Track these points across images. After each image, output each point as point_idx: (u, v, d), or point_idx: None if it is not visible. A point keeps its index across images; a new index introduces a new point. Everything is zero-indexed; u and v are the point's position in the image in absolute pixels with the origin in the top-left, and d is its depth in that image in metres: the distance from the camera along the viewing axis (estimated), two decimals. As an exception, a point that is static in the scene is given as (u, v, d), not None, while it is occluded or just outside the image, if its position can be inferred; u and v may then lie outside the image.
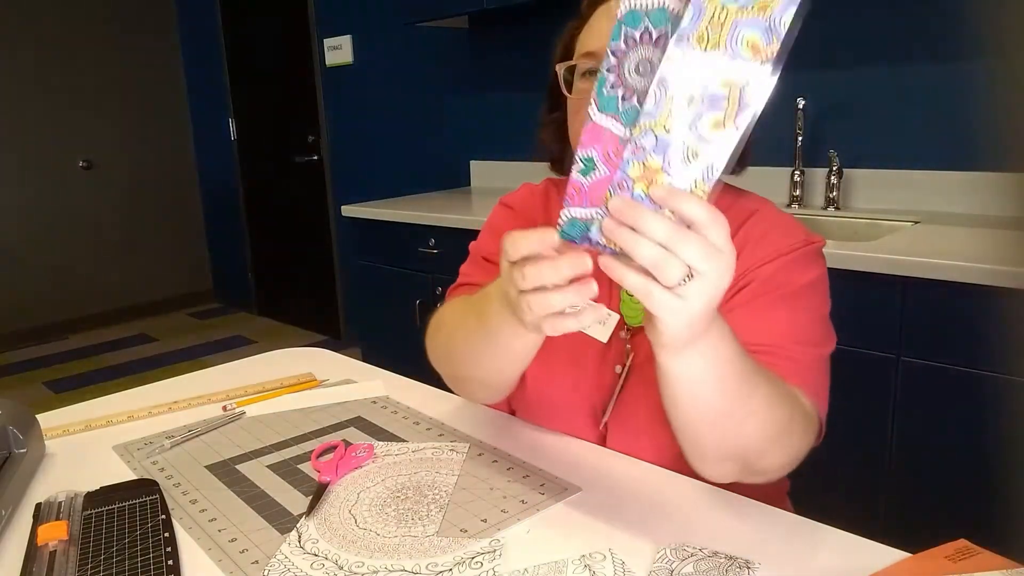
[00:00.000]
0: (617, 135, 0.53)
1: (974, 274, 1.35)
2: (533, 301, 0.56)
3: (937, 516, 1.44)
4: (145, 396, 1.11)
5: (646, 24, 0.51)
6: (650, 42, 0.51)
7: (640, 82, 0.52)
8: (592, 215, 0.54)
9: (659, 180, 0.51)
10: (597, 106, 0.53)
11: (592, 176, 0.54)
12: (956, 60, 1.82)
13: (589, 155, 0.54)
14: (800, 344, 0.76)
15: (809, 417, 0.71)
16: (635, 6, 0.51)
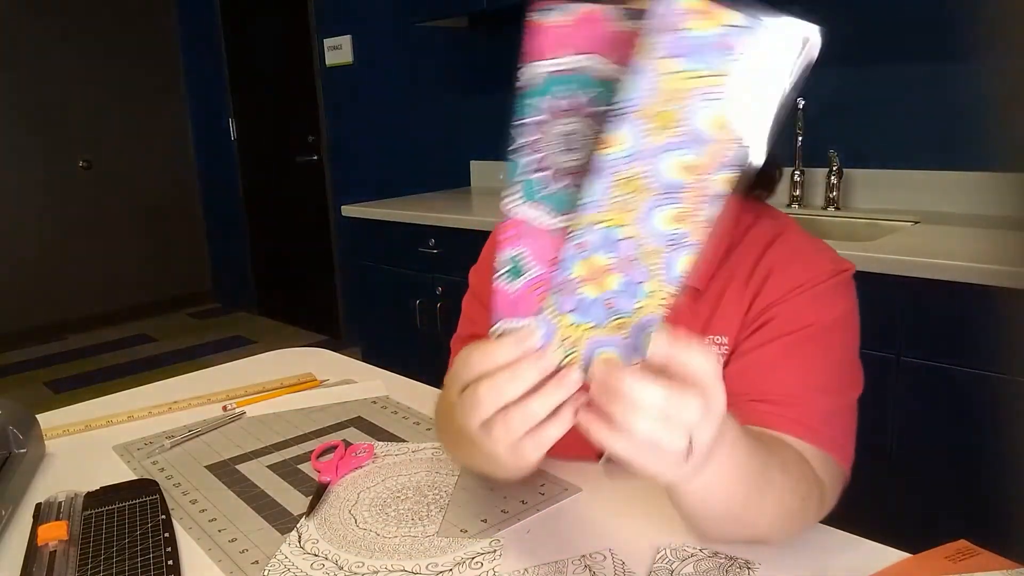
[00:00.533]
0: (545, 228, 0.45)
1: (974, 274, 1.35)
2: (510, 420, 0.46)
3: (937, 516, 1.44)
4: (145, 396, 1.11)
5: (569, 90, 0.43)
6: (575, 111, 0.44)
7: (569, 161, 0.44)
8: (527, 325, 0.46)
9: (609, 282, 0.44)
10: (519, 195, 0.45)
11: (522, 280, 0.46)
12: (956, 60, 1.82)
13: (516, 255, 0.46)
14: (818, 392, 0.69)
15: (824, 488, 0.66)
16: (553, 70, 0.43)
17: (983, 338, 1.37)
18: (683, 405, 0.44)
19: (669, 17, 0.39)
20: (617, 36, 0.42)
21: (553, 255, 0.45)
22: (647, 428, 0.43)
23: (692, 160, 0.41)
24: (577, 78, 0.43)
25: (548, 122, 0.44)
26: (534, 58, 0.43)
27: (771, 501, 0.59)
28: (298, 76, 3.91)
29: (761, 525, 0.61)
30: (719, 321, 0.76)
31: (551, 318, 0.46)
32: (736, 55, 0.39)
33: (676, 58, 0.39)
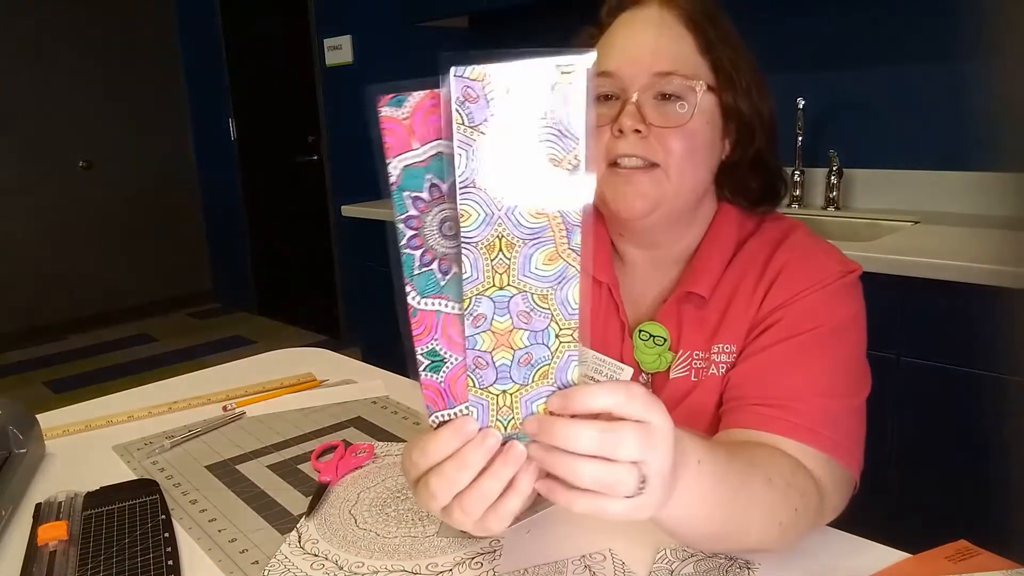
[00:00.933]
0: (454, 315, 0.46)
1: (974, 274, 1.35)
2: (466, 504, 0.48)
3: (937, 516, 1.44)
4: (145, 396, 1.11)
5: (429, 179, 0.44)
6: (442, 197, 0.44)
7: (451, 247, 0.45)
8: (463, 412, 0.48)
9: (516, 340, 0.46)
10: (417, 291, 0.46)
11: (444, 371, 0.47)
12: (956, 60, 1.82)
13: (431, 348, 0.47)
14: (824, 396, 0.68)
15: (825, 493, 0.65)
16: (409, 164, 0.44)
17: (983, 338, 1.37)
18: (619, 441, 0.44)
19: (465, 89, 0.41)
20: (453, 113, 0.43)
21: (463, 340, 0.46)
22: (591, 473, 0.44)
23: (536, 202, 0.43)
24: (434, 166, 0.44)
25: (422, 214, 0.45)
26: (390, 154, 0.44)
27: (756, 516, 0.59)
28: (298, 76, 3.91)
29: (750, 539, 0.60)
30: (727, 328, 0.75)
31: (480, 395, 0.47)
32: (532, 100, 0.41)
33: (479, 120, 0.42)
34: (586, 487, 0.45)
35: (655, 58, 0.71)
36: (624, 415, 0.45)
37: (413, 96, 0.43)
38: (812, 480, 0.64)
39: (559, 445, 0.45)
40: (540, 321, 0.46)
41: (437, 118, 0.43)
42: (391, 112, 0.44)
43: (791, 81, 2.05)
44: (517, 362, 0.46)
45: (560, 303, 0.45)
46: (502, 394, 0.47)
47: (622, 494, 0.45)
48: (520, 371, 0.47)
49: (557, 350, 0.46)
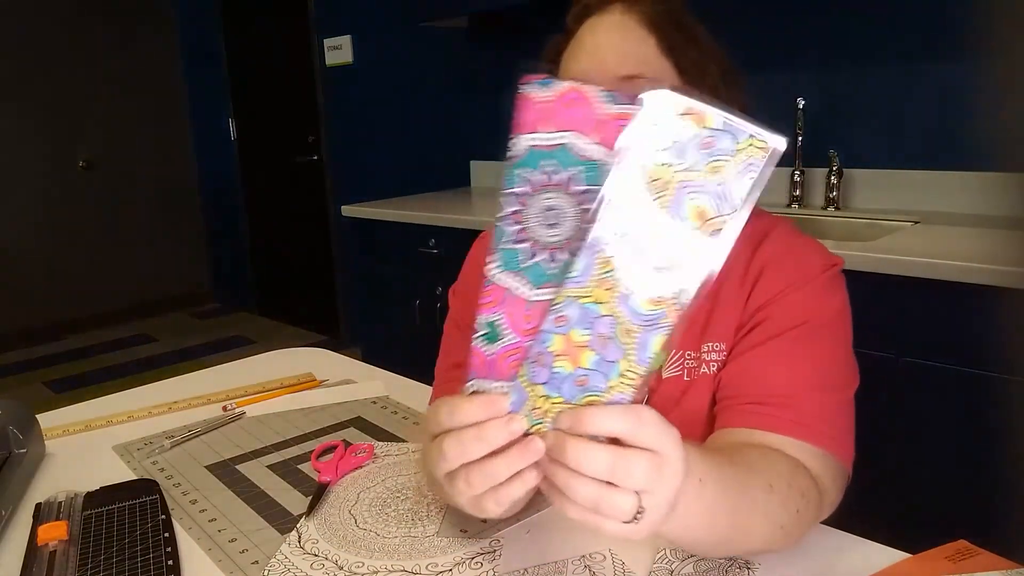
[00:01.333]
0: (523, 298, 0.46)
1: (974, 274, 1.35)
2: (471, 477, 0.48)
3: (937, 516, 1.44)
4: (145, 396, 1.11)
5: (547, 165, 0.45)
6: (558, 187, 0.45)
7: (549, 235, 0.45)
8: (500, 389, 0.47)
9: (583, 359, 0.45)
10: (500, 263, 0.46)
11: (497, 345, 0.47)
12: (956, 60, 1.82)
13: (493, 319, 0.47)
14: (817, 391, 0.69)
15: (824, 489, 0.66)
16: (534, 144, 0.45)
17: (983, 338, 1.37)
18: (627, 470, 0.44)
19: (656, 112, 0.42)
20: (599, 117, 0.44)
21: (528, 325, 0.46)
22: (586, 494, 0.44)
23: (672, 253, 0.43)
24: (558, 154, 0.45)
25: (531, 194, 0.46)
26: (520, 130, 0.45)
27: (758, 523, 0.59)
28: (298, 76, 3.91)
29: (752, 544, 0.61)
30: (716, 327, 0.75)
31: (524, 386, 0.47)
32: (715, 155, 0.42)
33: (663, 152, 0.42)
34: (581, 505, 0.45)
35: (619, 62, 0.71)
36: (635, 443, 0.45)
37: (558, 84, 0.44)
38: (811, 478, 0.65)
39: (570, 466, 0.44)
40: (613, 352, 0.45)
41: (575, 112, 0.44)
42: (533, 91, 0.44)
43: (791, 81, 2.05)
44: (573, 379, 0.46)
45: (640, 346, 0.44)
46: (544, 398, 0.47)
47: (615, 518, 0.45)
48: (571, 389, 0.46)
49: (614, 387, 0.46)
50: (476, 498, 0.49)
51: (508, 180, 0.46)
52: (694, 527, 0.54)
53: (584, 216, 0.44)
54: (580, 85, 0.44)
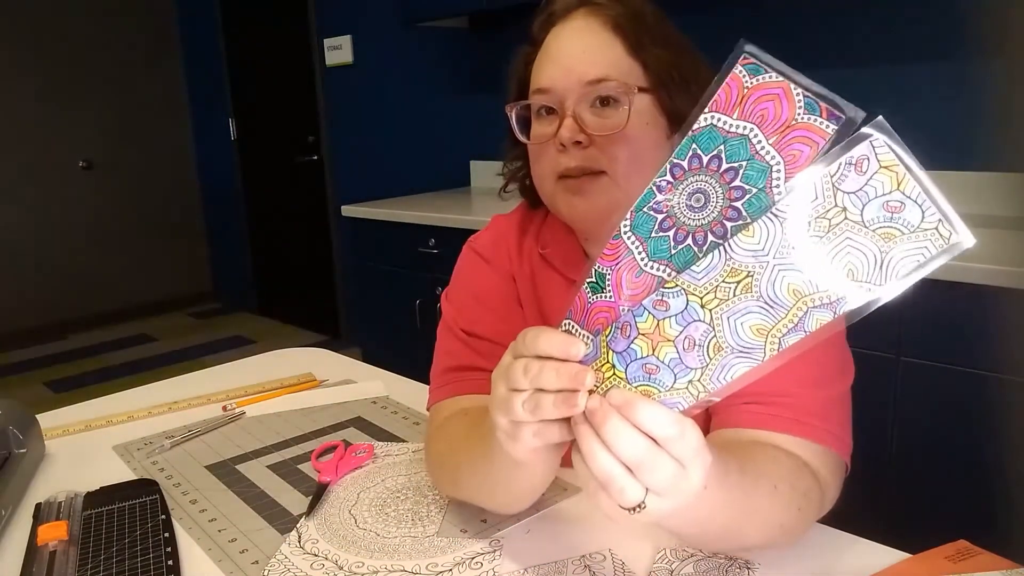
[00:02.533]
0: (636, 264, 0.46)
1: (974, 274, 1.35)
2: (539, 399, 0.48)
3: (937, 516, 1.44)
4: (145, 396, 1.11)
5: (720, 150, 0.44)
6: (715, 171, 0.44)
7: (687, 216, 0.45)
8: (584, 338, 0.48)
9: (663, 350, 0.45)
10: (632, 224, 0.47)
11: (599, 297, 0.47)
12: (956, 60, 1.82)
13: (604, 272, 0.47)
14: (815, 387, 0.69)
15: (825, 486, 0.66)
16: (716, 125, 0.44)
17: (983, 338, 1.37)
18: (655, 467, 0.44)
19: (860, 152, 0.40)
20: (788, 122, 0.42)
21: (629, 292, 0.46)
22: (604, 468, 0.45)
23: (804, 287, 0.42)
24: (734, 143, 0.44)
25: (687, 172, 0.45)
26: (710, 106, 0.44)
27: (755, 525, 0.59)
28: (298, 76, 3.91)
29: (747, 542, 0.61)
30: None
31: (601, 345, 0.47)
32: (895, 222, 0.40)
33: (845, 194, 0.40)
34: (592, 473, 0.45)
35: (585, 66, 0.71)
36: (668, 449, 0.45)
37: (768, 75, 0.43)
38: (814, 476, 0.65)
39: (604, 437, 0.45)
40: (694, 360, 0.44)
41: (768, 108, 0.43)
42: (741, 74, 0.44)
43: (791, 81, 2.05)
44: (643, 364, 0.45)
45: (721, 367, 0.43)
46: (610, 366, 0.47)
47: (620, 503, 0.46)
48: (637, 371, 0.46)
49: (676, 391, 0.45)
50: (514, 426, 0.50)
51: (679, 150, 0.45)
52: (688, 525, 0.55)
53: (728, 212, 0.43)
54: (788, 83, 0.43)
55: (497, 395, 0.51)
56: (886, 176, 0.40)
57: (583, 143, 0.71)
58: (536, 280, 0.83)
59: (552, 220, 0.84)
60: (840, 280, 0.41)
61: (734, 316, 0.43)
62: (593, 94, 0.71)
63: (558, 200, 0.75)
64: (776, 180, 0.42)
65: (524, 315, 0.82)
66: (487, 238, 0.88)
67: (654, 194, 0.46)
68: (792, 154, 0.42)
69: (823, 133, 0.42)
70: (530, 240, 0.85)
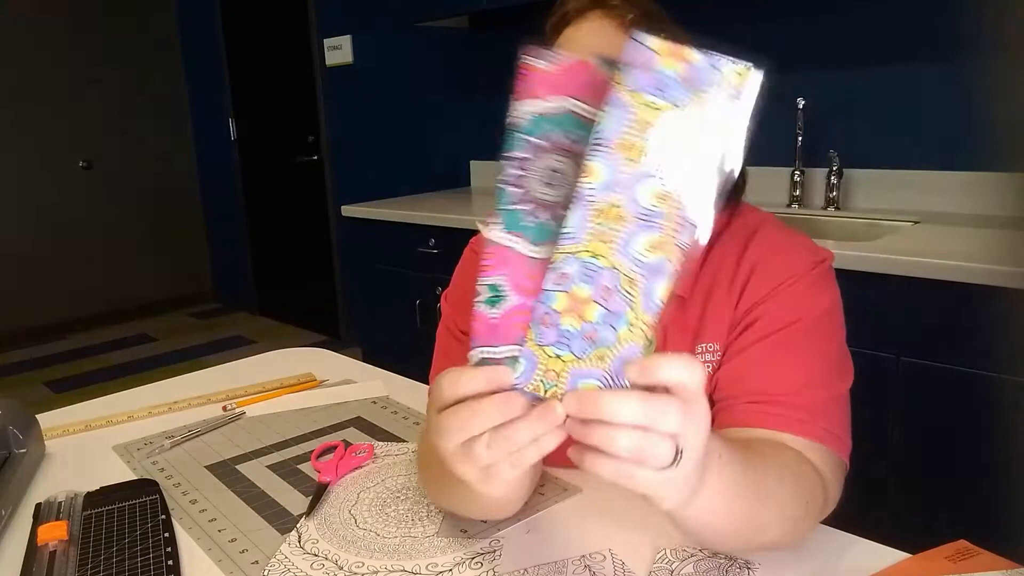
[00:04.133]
0: (526, 255, 0.46)
1: (974, 274, 1.35)
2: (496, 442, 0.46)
3: (937, 516, 1.44)
4: (145, 396, 1.11)
5: (551, 131, 0.45)
6: (559, 150, 0.45)
7: (551, 196, 0.46)
8: (506, 355, 0.46)
9: (589, 313, 0.44)
10: (502, 223, 0.46)
11: (502, 307, 0.46)
12: (956, 60, 1.82)
13: (496, 282, 0.46)
14: (815, 387, 0.69)
15: (826, 484, 0.66)
16: (537, 111, 0.45)
17: (983, 338, 1.37)
18: (662, 412, 0.43)
19: (640, 56, 0.43)
20: (598, 84, 0.44)
21: (531, 284, 0.46)
22: (628, 443, 0.43)
23: (666, 188, 0.43)
24: (561, 120, 0.45)
25: (533, 159, 0.46)
26: (523, 98, 0.45)
27: (773, 512, 0.59)
28: (298, 76, 3.91)
29: (767, 536, 0.60)
30: (709, 327, 0.75)
31: (533, 350, 0.46)
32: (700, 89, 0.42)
33: (646, 92, 0.42)
34: (621, 455, 0.44)
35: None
36: (685, 393, 0.44)
37: (562, 56, 0.45)
38: (817, 472, 0.65)
39: (602, 418, 0.43)
40: (619, 304, 0.44)
41: (577, 80, 0.45)
42: (534, 62, 0.45)
43: (791, 81, 2.05)
44: (582, 335, 0.45)
45: (645, 294, 0.44)
46: (555, 359, 0.46)
47: (657, 465, 0.45)
48: (580, 344, 0.45)
49: (624, 338, 0.45)
50: (489, 468, 0.47)
51: (510, 145, 0.46)
52: (716, 510, 0.53)
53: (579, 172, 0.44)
54: (583, 59, 0.45)
55: (449, 452, 0.48)
56: (667, 60, 0.42)
57: None
58: None
59: None
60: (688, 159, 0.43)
61: (625, 247, 0.44)
62: None
63: None
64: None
65: None
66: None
67: (509, 193, 0.46)
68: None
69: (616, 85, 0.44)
70: None
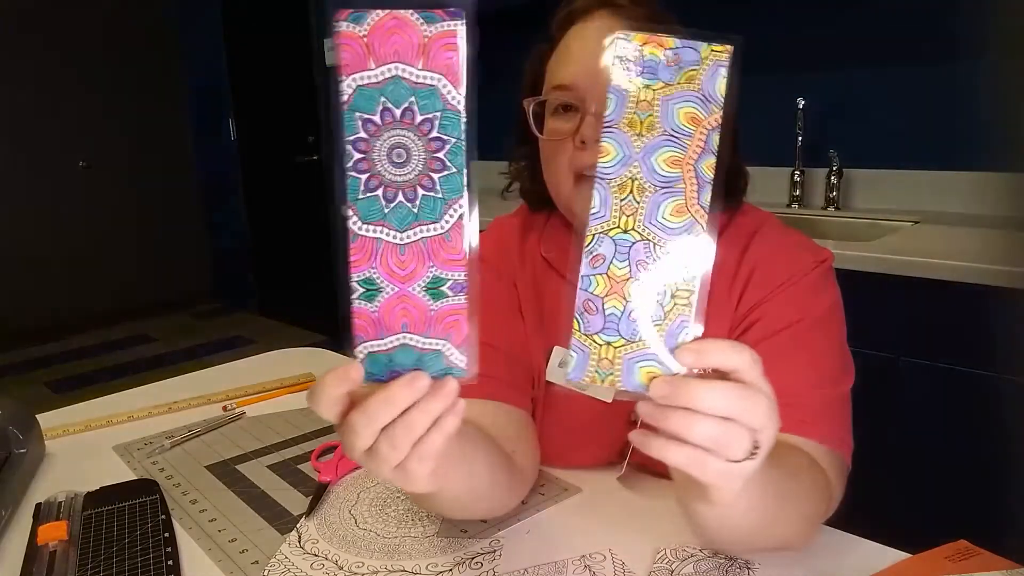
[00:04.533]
0: (394, 244, 0.44)
1: (974, 274, 1.35)
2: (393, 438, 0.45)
3: (937, 516, 1.44)
4: (145, 396, 1.11)
5: (383, 102, 0.43)
6: (396, 122, 0.43)
7: (401, 174, 0.44)
8: (393, 344, 0.45)
9: (629, 290, 0.45)
10: (359, 216, 0.44)
11: (379, 300, 0.45)
12: (956, 60, 1.82)
13: (367, 276, 0.45)
14: (817, 388, 0.69)
15: (831, 484, 0.66)
16: (364, 84, 0.43)
17: (983, 338, 1.37)
18: (750, 405, 0.43)
19: (627, 50, 0.45)
20: (422, 41, 0.43)
21: (404, 271, 0.45)
22: (708, 431, 0.43)
23: (678, 153, 0.45)
24: (389, 89, 0.43)
25: (371, 138, 0.44)
26: (345, 72, 0.43)
27: (791, 509, 0.59)
28: (298, 76, 3.91)
29: (786, 534, 0.60)
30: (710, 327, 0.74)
31: (583, 341, 0.45)
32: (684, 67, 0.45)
33: (639, 76, 0.45)
34: (698, 444, 0.43)
35: None
36: (748, 379, 0.44)
37: (373, 14, 0.43)
38: (823, 472, 0.65)
39: (692, 404, 0.43)
40: (657, 276, 0.45)
41: (397, 39, 0.43)
42: (350, 28, 0.43)
43: (791, 81, 2.05)
44: (627, 315, 0.45)
45: (680, 264, 0.45)
46: (606, 346, 0.45)
47: (734, 456, 0.44)
48: (629, 326, 0.45)
49: (671, 311, 0.45)
50: (399, 466, 0.46)
51: (346, 127, 0.43)
52: (755, 499, 0.52)
53: (433, 164, 0.43)
54: (394, 11, 0.43)
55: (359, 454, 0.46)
56: (650, 46, 0.45)
57: None
58: (538, 283, 0.83)
59: (555, 222, 0.84)
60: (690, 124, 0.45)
61: (651, 216, 0.45)
62: None
63: (574, 199, 0.74)
64: (447, 93, 0.43)
65: (524, 321, 0.81)
66: (488, 240, 0.87)
67: (358, 180, 0.44)
68: (445, 64, 0.43)
69: (452, 32, 0.43)
70: (532, 242, 0.85)
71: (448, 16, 0.42)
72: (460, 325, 0.45)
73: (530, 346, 0.80)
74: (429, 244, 0.45)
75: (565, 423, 0.80)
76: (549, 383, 0.80)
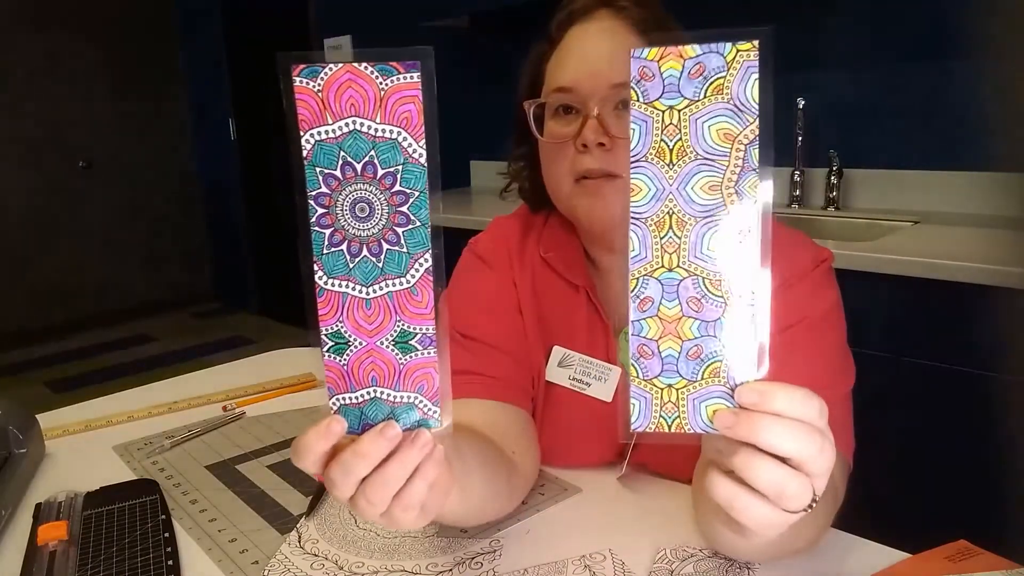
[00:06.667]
0: (360, 298, 0.45)
1: (974, 274, 1.35)
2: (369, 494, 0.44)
3: (937, 516, 1.44)
4: (145, 396, 1.11)
5: (343, 157, 0.42)
6: (358, 176, 0.43)
7: (365, 228, 0.43)
8: (364, 398, 0.46)
9: (685, 330, 0.43)
10: (324, 270, 0.44)
11: (348, 354, 0.46)
12: (955, 60, 1.82)
13: (335, 329, 0.46)
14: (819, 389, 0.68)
15: (836, 485, 0.65)
16: (322, 139, 0.42)
17: (983, 338, 1.37)
18: (828, 454, 0.41)
19: (642, 69, 0.42)
20: (379, 95, 0.42)
21: (371, 325, 0.45)
22: (771, 476, 0.41)
23: (715, 177, 0.42)
24: (348, 143, 0.42)
25: (333, 192, 0.43)
26: (302, 127, 0.43)
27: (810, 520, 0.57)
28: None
29: (800, 544, 0.60)
30: None
31: (642, 387, 0.44)
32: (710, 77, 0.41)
33: (659, 99, 0.42)
34: (759, 488, 0.41)
35: (612, 69, 0.70)
36: (821, 424, 0.42)
37: (327, 68, 0.42)
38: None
39: (759, 442, 0.40)
40: (712, 310, 0.42)
41: (352, 93, 0.42)
42: (304, 83, 0.42)
43: (791, 81, 2.05)
44: (685, 355, 0.43)
45: (732, 294, 0.42)
46: (667, 388, 0.44)
47: (792, 509, 0.42)
48: (688, 365, 0.43)
49: (727, 345, 0.43)
50: (385, 515, 0.46)
51: (308, 182, 0.43)
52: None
53: (396, 218, 0.43)
54: (349, 64, 0.42)
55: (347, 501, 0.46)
56: (668, 60, 0.42)
57: (606, 145, 0.70)
58: (537, 283, 0.82)
59: (554, 223, 0.84)
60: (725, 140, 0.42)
61: (695, 250, 0.43)
62: (617, 97, 0.70)
63: (575, 202, 0.74)
64: (407, 146, 0.42)
65: (523, 321, 0.81)
66: (488, 240, 0.87)
67: (322, 235, 0.44)
68: (404, 117, 0.42)
69: (410, 85, 0.41)
70: (532, 243, 0.85)
71: (405, 68, 0.41)
72: (431, 378, 0.45)
73: (530, 346, 0.80)
74: (395, 298, 0.44)
75: (565, 423, 0.80)
76: (549, 383, 0.80)
